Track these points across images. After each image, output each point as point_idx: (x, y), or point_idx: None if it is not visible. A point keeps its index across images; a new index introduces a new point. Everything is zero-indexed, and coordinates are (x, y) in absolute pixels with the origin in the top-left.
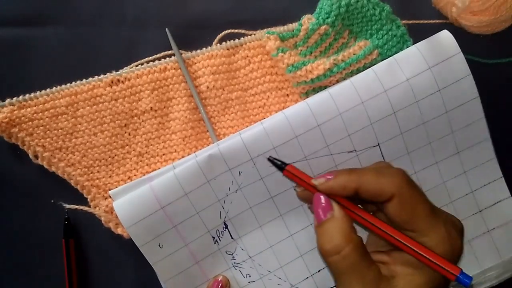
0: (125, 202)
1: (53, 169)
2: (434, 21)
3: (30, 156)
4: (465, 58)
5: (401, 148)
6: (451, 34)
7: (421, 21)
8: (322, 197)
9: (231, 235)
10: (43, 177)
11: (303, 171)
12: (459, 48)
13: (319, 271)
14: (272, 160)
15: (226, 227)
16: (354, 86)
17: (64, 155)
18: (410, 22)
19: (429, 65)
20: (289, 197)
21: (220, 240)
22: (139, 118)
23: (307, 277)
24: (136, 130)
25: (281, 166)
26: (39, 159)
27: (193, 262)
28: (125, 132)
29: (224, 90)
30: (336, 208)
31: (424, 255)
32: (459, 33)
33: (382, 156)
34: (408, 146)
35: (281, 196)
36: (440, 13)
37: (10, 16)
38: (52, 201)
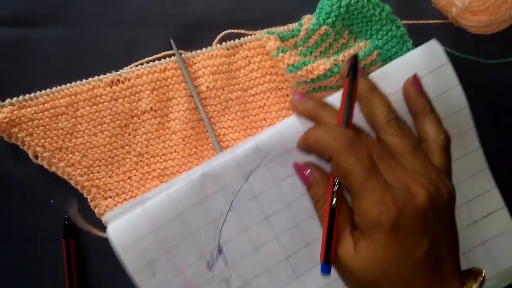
0: (118, 226)
1: (53, 169)
2: (434, 21)
3: (30, 156)
4: (465, 58)
5: None
6: (439, 44)
7: (421, 21)
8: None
9: (226, 261)
10: (43, 177)
11: (295, 188)
12: (447, 59)
13: None
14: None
15: (221, 252)
16: None
17: (64, 155)
18: (410, 22)
19: (419, 75)
20: (285, 217)
21: (214, 266)
22: (139, 118)
23: None
24: (136, 130)
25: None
26: (39, 159)
27: None
28: (125, 132)
29: (224, 90)
30: None
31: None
32: (459, 33)
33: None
34: None
35: (275, 216)
36: (440, 13)
37: (10, 16)
38: (52, 201)
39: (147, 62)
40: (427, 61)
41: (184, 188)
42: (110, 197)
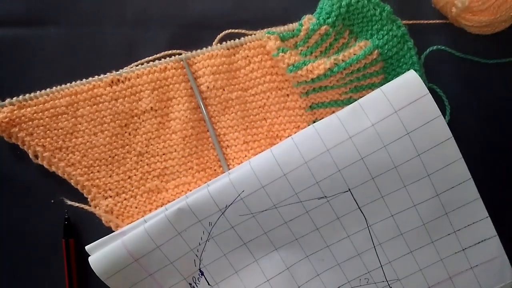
0: (100, 257)
1: (53, 169)
2: (434, 21)
3: (30, 156)
4: (465, 58)
5: (374, 192)
6: (417, 75)
7: (421, 21)
8: None
9: (207, 282)
10: (43, 177)
11: (273, 219)
12: (426, 89)
13: None
14: None
15: (202, 274)
16: (319, 133)
17: (64, 155)
18: (410, 22)
19: (395, 108)
20: (263, 243)
21: (197, 286)
22: (139, 118)
23: None
24: (136, 130)
25: None
26: (39, 159)
27: None
28: (125, 132)
29: (224, 90)
30: None
31: None
32: (459, 33)
33: (355, 200)
34: (381, 190)
35: (254, 242)
36: (440, 13)
37: (10, 16)
38: (52, 201)
39: (147, 62)
40: (404, 93)
41: (161, 222)
42: (110, 196)
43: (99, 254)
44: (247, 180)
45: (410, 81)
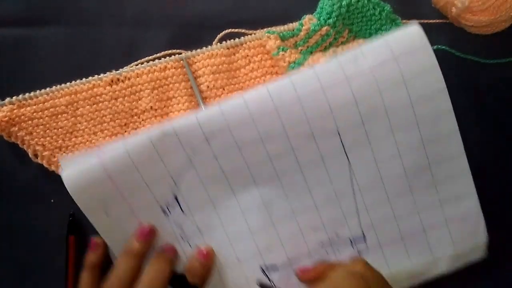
0: (74, 174)
1: (53, 168)
2: (434, 21)
3: (30, 155)
4: (465, 58)
5: (363, 138)
6: (420, 27)
7: (421, 21)
8: None
9: (182, 210)
10: (43, 177)
11: (258, 152)
12: (427, 40)
13: (268, 248)
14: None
15: (177, 201)
16: (317, 74)
17: (64, 154)
18: (410, 22)
19: (395, 55)
20: (244, 176)
21: (170, 213)
22: (139, 117)
23: (255, 253)
24: (136, 129)
25: None
26: (38, 158)
27: None
28: (125, 131)
29: (224, 89)
30: None
31: None
32: (459, 33)
33: (342, 144)
34: (370, 137)
35: (235, 176)
36: (440, 13)
37: (10, 16)
38: (52, 200)
39: (147, 61)
40: (406, 42)
41: (143, 145)
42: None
43: (74, 170)
44: (237, 111)
45: (413, 32)
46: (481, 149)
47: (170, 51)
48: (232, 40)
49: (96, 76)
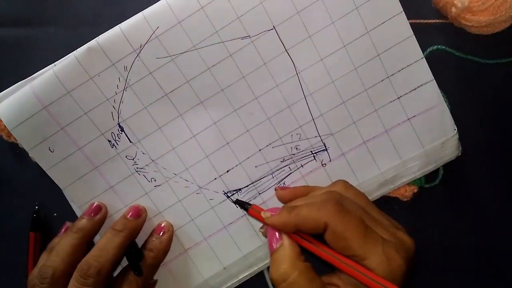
0: (7, 105)
1: None
2: (434, 21)
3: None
4: (465, 58)
5: (301, 30)
6: None
7: (421, 21)
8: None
9: (129, 139)
10: (42, 176)
11: (195, 64)
12: None
13: (227, 171)
14: (238, 202)
15: (122, 130)
16: None
17: None
18: (410, 22)
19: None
20: (187, 94)
21: (117, 144)
22: None
23: (215, 178)
24: None
25: (245, 206)
26: None
27: (90, 168)
28: None
29: None
30: (285, 238)
31: (363, 274)
32: (459, 33)
33: (281, 40)
34: (308, 28)
35: (176, 93)
36: (440, 13)
37: (10, 16)
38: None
39: None
40: None
41: (70, 64)
42: None
43: (7, 101)
44: (161, 15)
45: None
46: (481, 149)
47: None
48: None
49: None
